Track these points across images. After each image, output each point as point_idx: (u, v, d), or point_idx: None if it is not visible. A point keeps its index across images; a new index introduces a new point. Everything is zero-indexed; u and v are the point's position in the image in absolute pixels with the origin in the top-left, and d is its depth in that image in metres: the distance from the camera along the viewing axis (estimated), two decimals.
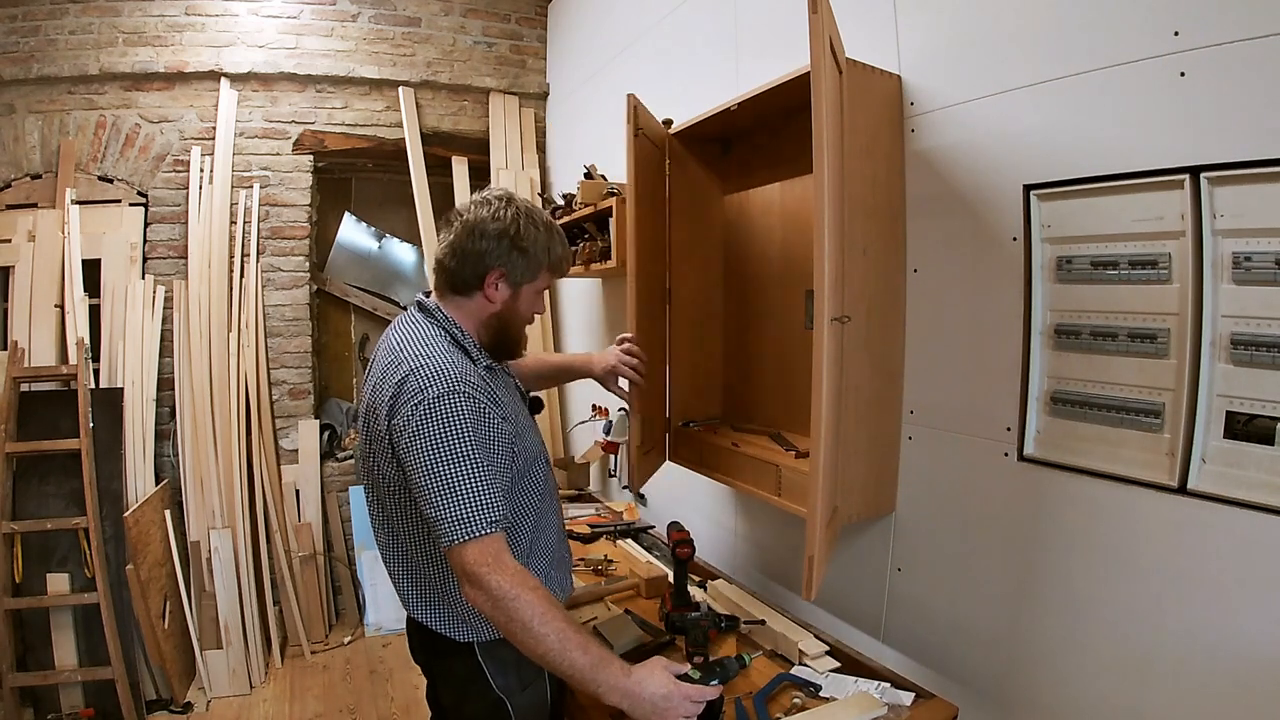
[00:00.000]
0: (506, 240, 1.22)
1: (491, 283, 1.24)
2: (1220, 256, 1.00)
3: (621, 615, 1.72)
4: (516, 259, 1.23)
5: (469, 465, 1.09)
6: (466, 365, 1.19)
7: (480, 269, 1.23)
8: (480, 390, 1.16)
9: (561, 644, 1.04)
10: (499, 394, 1.23)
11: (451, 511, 1.07)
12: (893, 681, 1.39)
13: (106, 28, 3.06)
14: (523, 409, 1.38)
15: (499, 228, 1.21)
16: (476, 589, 1.06)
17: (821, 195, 1.13)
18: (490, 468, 1.12)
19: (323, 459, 3.39)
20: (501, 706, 1.25)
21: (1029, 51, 1.22)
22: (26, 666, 2.55)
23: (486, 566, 1.05)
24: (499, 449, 1.16)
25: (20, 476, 2.59)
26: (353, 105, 3.40)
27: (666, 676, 1.10)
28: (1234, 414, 1.00)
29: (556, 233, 1.30)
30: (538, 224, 1.25)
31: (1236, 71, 0.95)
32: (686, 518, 1.94)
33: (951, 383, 1.41)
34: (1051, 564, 1.23)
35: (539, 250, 1.25)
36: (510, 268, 1.24)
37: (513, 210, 1.23)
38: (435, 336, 1.22)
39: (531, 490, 1.30)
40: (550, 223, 1.29)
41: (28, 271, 2.83)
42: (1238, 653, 0.99)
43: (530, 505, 1.30)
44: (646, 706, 1.06)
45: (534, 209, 1.27)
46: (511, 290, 1.26)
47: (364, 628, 3.35)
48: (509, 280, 1.25)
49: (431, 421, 1.09)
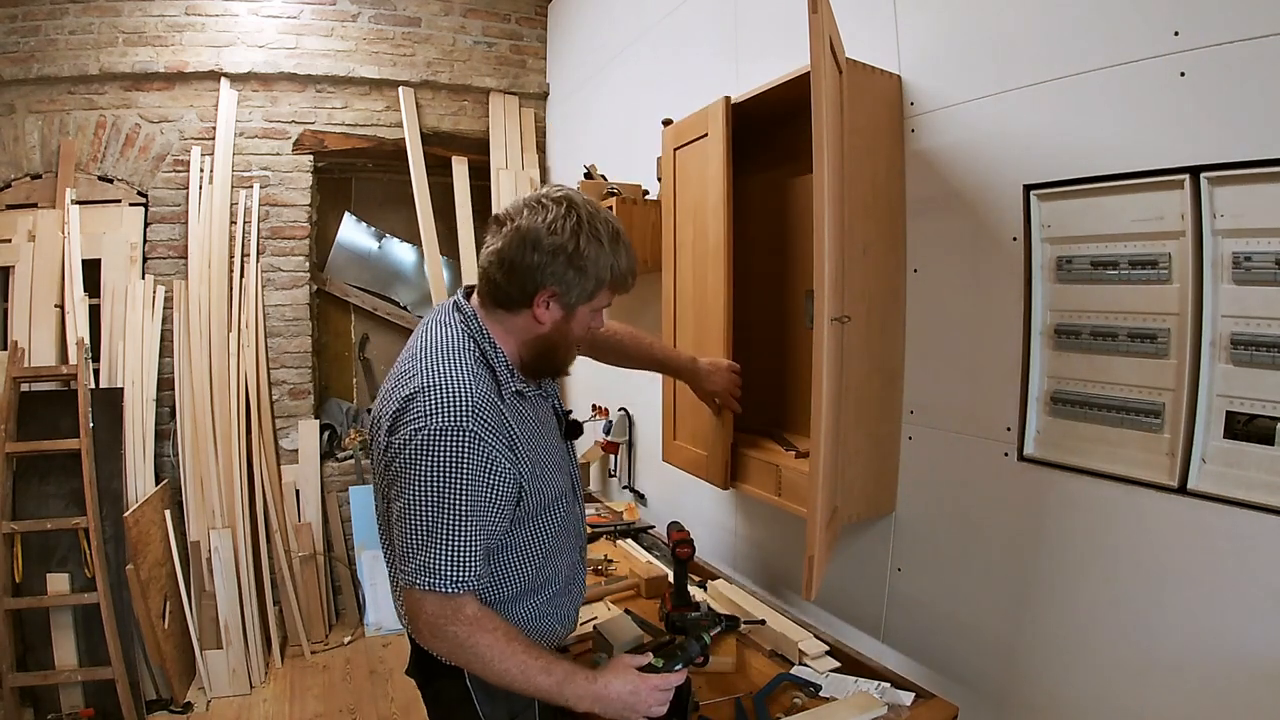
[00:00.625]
0: (563, 257, 1.05)
1: (541, 302, 1.09)
2: (1220, 256, 1.00)
3: (621, 615, 1.72)
4: (573, 278, 1.07)
5: (453, 516, 1.00)
6: (488, 392, 1.06)
7: (530, 287, 1.07)
8: (493, 429, 1.04)
9: (525, 673, 1.05)
10: (519, 429, 1.10)
11: (422, 557, 1.00)
12: (893, 681, 1.39)
13: (106, 28, 3.06)
14: (552, 438, 1.24)
15: (555, 243, 1.04)
16: (433, 637, 1.04)
17: (821, 195, 1.13)
18: (477, 522, 1.03)
19: (323, 459, 3.39)
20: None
21: (1029, 51, 1.22)
22: (26, 666, 2.55)
23: (445, 619, 1.02)
24: (498, 500, 1.06)
25: (20, 476, 2.59)
26: (353, 105, 3.40)
27: (631, 673, 1.12)
28: (1234, 414, 1.00)
29: (623, 244, 1.12)
30: (601, 236, 1.07)
31: (1236, 71, 0.95)
32: (686, 518, 1.94)
33: (951, 383, 1.41)
34: (1052, 564, 1.23)
35: (600, 268, 1.08)
36: (565, 288, 1.07)
37: (573, 221, 1.05)
38: (463, 350, 1.09)
39: (543, 531, 1.20)
40: (617, 231, 1.11)
41: (28, 271, 2.83)
42: (1237, 652, 0.99)
43: (538, 545, 1.20)
44: (617, 705, 1.09)
45: (597, 214, 1.09)
46: (564, 312, 1.11)
47: (364, 628, 3.35)
48: (562, 301, 1.09)
49: (427, 455, 1.00)
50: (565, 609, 1.31)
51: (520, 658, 1.05)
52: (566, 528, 1.27)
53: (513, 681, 1.05)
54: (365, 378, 3.92)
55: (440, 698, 1.25)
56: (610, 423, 2.78)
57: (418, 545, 1.01)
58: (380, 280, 3.90)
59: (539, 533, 1.20)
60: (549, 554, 1.22)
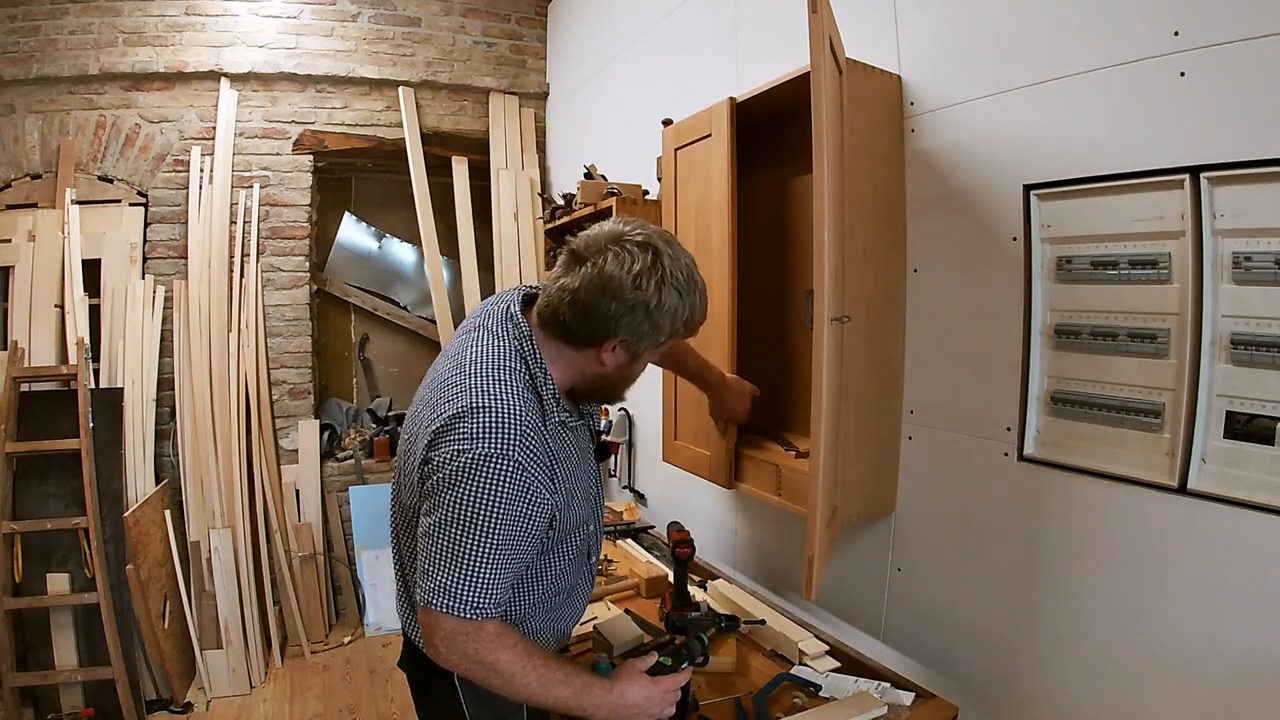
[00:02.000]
0: (642, 312, 1.01)
1: (609, 347, 1.06)
2: (1220, 256, 1.00)
3: (621, 615, 1.72)
4: (647, 330, 1.04)
5: (484, 543, 0.98)
6: (535, 419, 1.03)
7: (601, 334, 1.04)
8: (536, 458, 1.01)
9: (544, 686, 1.05)
10: (560, 456, 1.08)
11: (443, 578, 0.98)
12: (893, 681, 1.39)
13: (106, 28, 3.06)
14: (587, 464, 1.23)
15: (638, 299, 1.00)
16: (449, 654, 1.02)
17: (821, 195, 1.13)
18: (508, 551, 1.01)
19: (323, 459, 3.39)
20: None
21: (1029, 51, 1.22)
22: (26, 666, 2.55)
23: (465, 637, 1.00)
24: (532, 529, 1.04)
25: (20, 476, 2.59)
26: (353, 105, 3.40)
27: (643, 679, 1.16)
28: (1234, 414, 1.00)
29: (698, 290, 1.08)
30: (680, 285, 1.03)
31: (1236, 71, 0.95)
32: (686, 518, 1.94)
33: (951, 383, 1.41)
34: (1052, 564, 1.23)
35: (676, 320, 1.05)
36: (636, 338, 1.04)
37: (656, 277, 1.00)
38: (514, 371, 1.05)
39: (561, 554, 1.20)
40: (694, 278, 1.07)
41: (28, 271, 2.83)
42: (1237, 652, 0.99)
43: (552, 570, 1.19)
44: (634, 712, 1.12)
45: (678, 261, 1.04)
46: (630, 358, 1.09)
47: (364, 628, 3.35)
48: (630, 349, 1.07)
49: (469, 480, 0.97)
50: (563, 623, 1.31)
51: (540, 671, 1.05)
52: (585, 550, 1.26)
53: (532, 695, 1.05)
54: (365, 378, 3.92)
55: (427, 694, 1.25)
56: (610, 423, 2.78)
57: (442, 565, 0.99)
58: (380, 280, 3.90)
59: (556, 559, 1.19)
60: (558, 575, 1.21)
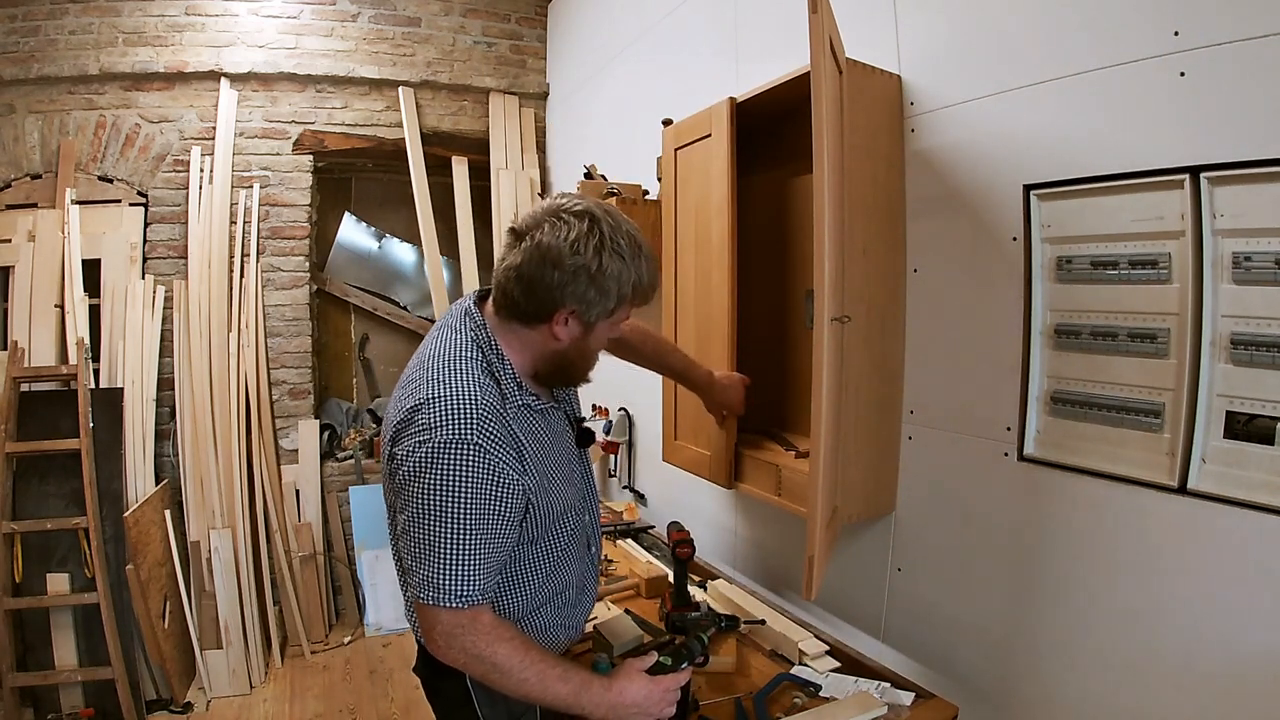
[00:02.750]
0: (585, 277, 1.01)
1: (560, 320, 1.05)
2: (1220, 256, 1.00)
3: (621, 615, 1.72)
4: (594, 297, 1.03)
5: (459, 531, 0.98)
6: (494, 403, 1.03)
7: (549, 305, 1.04)
8: (497, 439, 1.01)
9: (542, 682, 1.05)
10: (527, 439, 1.08)
11: (426, 571, 0.99)
12: (893, 681, 1.39)
13: (106, 28, 3.06)
14: (563, 448, 1.21)
15: (578, 263, 1.00)
16: (448, 649, 1.03)
17: (821, 195, 1.13)
18: (483, 535, 1.00)
19: (323, 459, 3.39)
20: None
21: (1029, 51, 1.22)
22: (26, 666, 2.55)
23: (461, 629, 1.01)
24: (505, 510, 1.03)
25: (20, 476, 2.59)
26: (353, 105, 3.40)
27: (643, 678, 1.14)
28: (1234, 414, 1.00)
29: (645, 256, 1.07)
30: (623, 251, 1.03)
31: (1236, 71, 0.95)
32: (686, 518, 1.94)
33: (951, 383, 1.41)
34: (1052, 564, 1.23)
35: (623, 284, 1.04)
36: (585, 306, 1.04)
37: (595, 239, 1.01)
38: (470, 360, 1.06)
39: (550, 545, 1.18)
40: (638, 244, 1.06)
41: (28, 271, 2.83)
42: (1238, 652, 0.99)
43: (545, 559, 1.18)
44: (633, 711, 1.11)
45: (619, 228, 1.04)
46: (584, 329, 1.08)
47: (364, 628, 3.35)
48: (581, 319, 1.06)
49: (432, 469, 0.97)
50: (574, 620, 1.31)
51: (538, 666, 1.05)
52: (576, 538, 1.25)
53: (530, 691, 1.05)
54: (365, 378, 3.92)
55: (441, 696, 1.25)
56: (610, 423, 2.78)
57: (422, 559, 1.00)
58: (380, 280, 3.90)
59: (546, 547, 1.18)
60: (556, 564, 1.21)
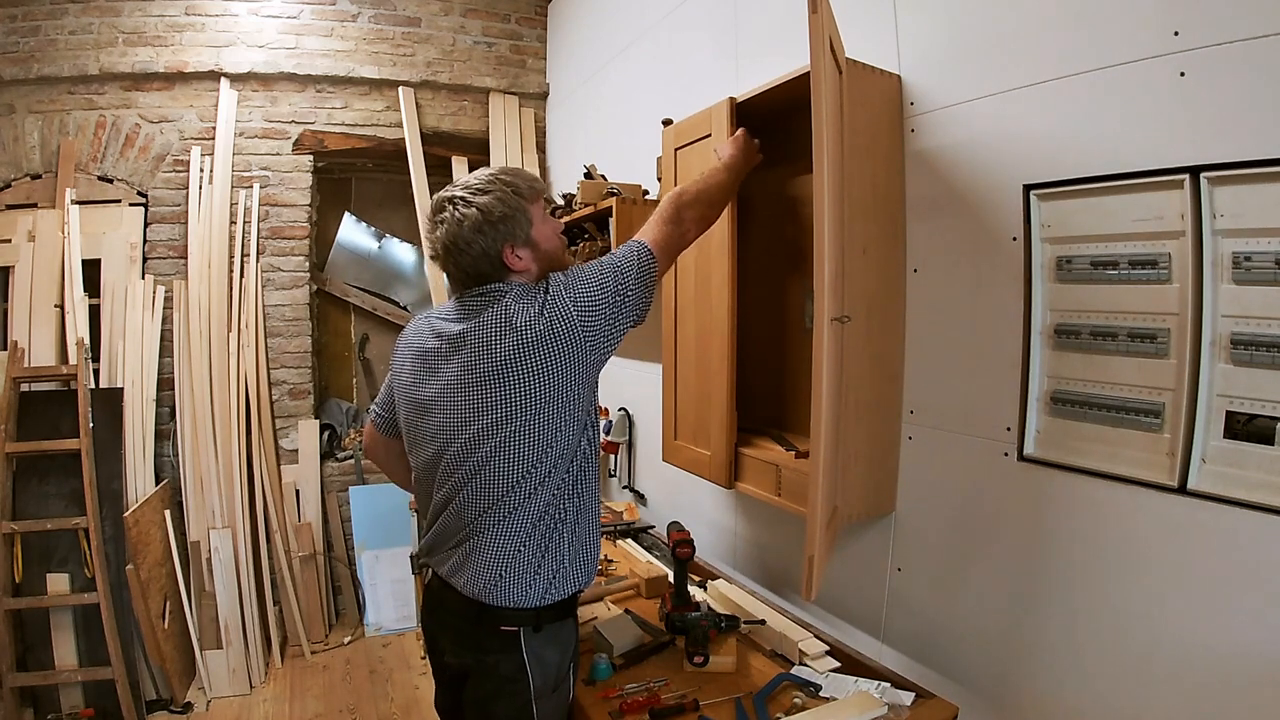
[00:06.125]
0: (487, 225, 1.23)
1: (510, 256, 1.25)
2: (1220, 256, 1.00)
3: (621, 615, 1.72)
4: (506, 228, 1.24)
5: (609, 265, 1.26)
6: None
7: (495, 258, 1.25)
8: None
9: (709, 185, 1.37)
10: None
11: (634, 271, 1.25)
12: (893, 681, 1.39)
13: (106, 28, 3.06)
14: None
15: (471, 228, 1.23)
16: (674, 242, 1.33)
17: (821, 195, 1.13)
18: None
19: (323, 459, 3.39)
20: (528, 709, 1.25)
21: (1029, 51, 1.22)
22: (26, 666, 2.55)
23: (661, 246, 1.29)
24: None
25: (20, 476, 2.59)
26: (353, 105, 3.40)
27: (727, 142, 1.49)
28: (1234, 414, 1.00)
29: (507, 175, 1.28)
30: (485, 187, 1.25)
31: (1236, 71, 0.95)
32: (686, 518, 1.94)
33: (951, 383, 1.41)
34: (1052, 564, 1.23)
35: (507, 204, 1.24)
36: (510, 235, 1.25)
37: (472, 208, 1.23)
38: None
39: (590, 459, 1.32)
40: (494, 174, 1.28)
41: (28, 271, 2.84)
42: (1237, 653, 0.99)
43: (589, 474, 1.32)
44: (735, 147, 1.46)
45: (473, 184, 1.27)
46: (528, 246, 1.27)
47: (364, 628, 3.35)
48: (516, 242, 1.26)
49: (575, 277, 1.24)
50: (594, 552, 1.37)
51: (701, 183, 1.38)
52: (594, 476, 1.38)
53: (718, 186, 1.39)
54: (365, 378, 3.92)
55: (493, 672, 1.27)
56: (610, 423, 2.78)
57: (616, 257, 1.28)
58: (380, 280, 3.90)
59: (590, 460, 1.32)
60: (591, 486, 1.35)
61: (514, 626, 1.24)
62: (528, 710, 1.25)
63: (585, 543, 1.31)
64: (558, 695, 1.30)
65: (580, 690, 1.43)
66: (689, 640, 1.49)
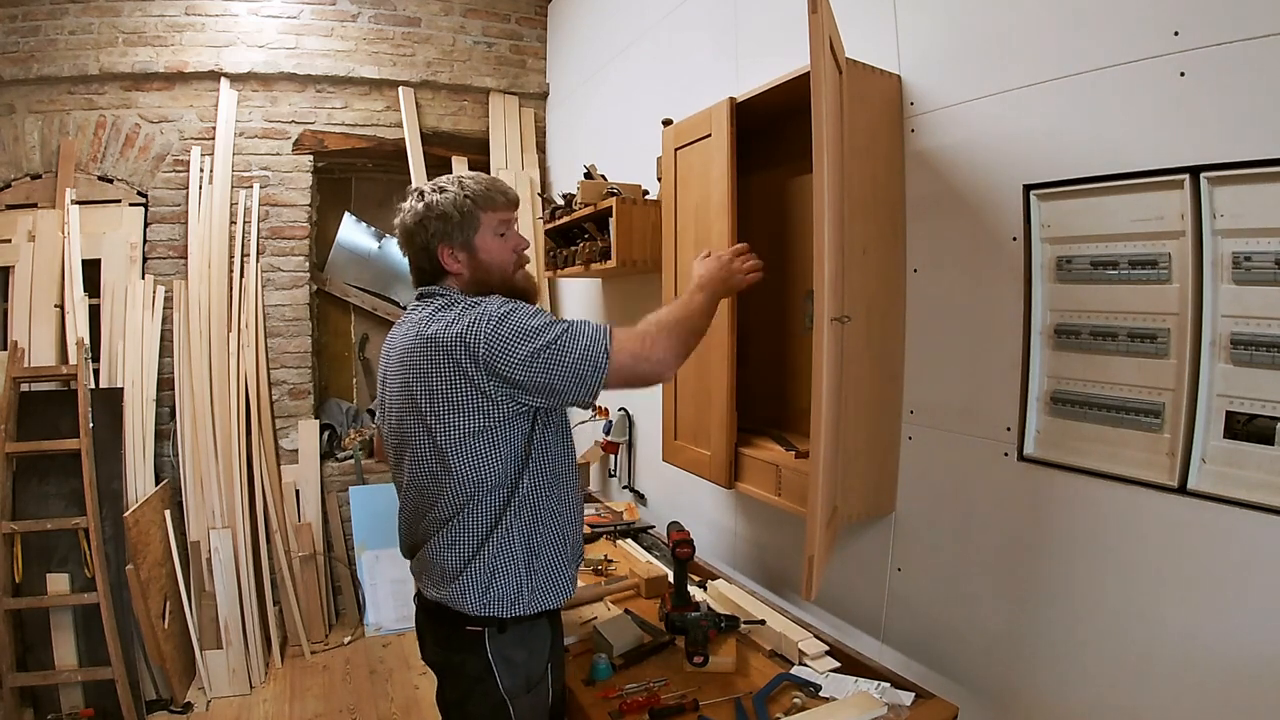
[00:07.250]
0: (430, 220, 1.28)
1: (446, 257, 1.29)
2: (1220, 256, 1.00)
3: (621, 615, 1.72)
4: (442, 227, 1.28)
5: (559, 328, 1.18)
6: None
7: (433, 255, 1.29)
8: None
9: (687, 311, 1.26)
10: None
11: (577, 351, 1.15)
12: (893, 681, 1.39)
13: (106, 28, 3.06)
14: None
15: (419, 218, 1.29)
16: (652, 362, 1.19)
17: (821, 195, 1.13)
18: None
19: (323, 459, 3.39)
20: (503, 708, 1.25)
21: (1029, 51, 1.22)
22: (26, 666, 2.55)
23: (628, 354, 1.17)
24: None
25: (20, 476, 2.59)
26: (353, 105, 3.40)
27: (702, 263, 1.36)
28: (1234, 414, 1.00)
29: (475, 181, 1.32)
30: (445, 187, 1.30)
31: (1236, 71, 0.95)
32: (686, 518, 1.94)
33: (951, 383, 1.41)
34: (1051, 564, 1.23)
35: (459, 204, 1.28)
36: (447, 236, 1.29)
37: (420, 201, 1.30)
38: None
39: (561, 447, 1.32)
40: (461, 180, 1.32)
41: (28, 271, 2.83)
42: (1237, 653, 0.99)
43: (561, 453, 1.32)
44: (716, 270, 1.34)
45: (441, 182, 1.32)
46: (466, 250, 1.30)
47: (364, 628, 3.35)
48: (453, 245, 1.29)
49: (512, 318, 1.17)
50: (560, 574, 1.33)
51: (678, 313, 1.25)
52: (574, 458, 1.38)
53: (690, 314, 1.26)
54: (365, 378, 3.92)
55: (461, 673, 1.29)
56: (610, 423, 2.78)
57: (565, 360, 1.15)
58: (380, 280, 3.90)
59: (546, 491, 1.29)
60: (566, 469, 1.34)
61: (479, 627, 1.25)
62: (503, 710, 1.26)
63: (548, 565, 1.28)
64: (534, 695, 1.29)
65: (580, 690, 1.43)
66: (689, 640, 1.49)
